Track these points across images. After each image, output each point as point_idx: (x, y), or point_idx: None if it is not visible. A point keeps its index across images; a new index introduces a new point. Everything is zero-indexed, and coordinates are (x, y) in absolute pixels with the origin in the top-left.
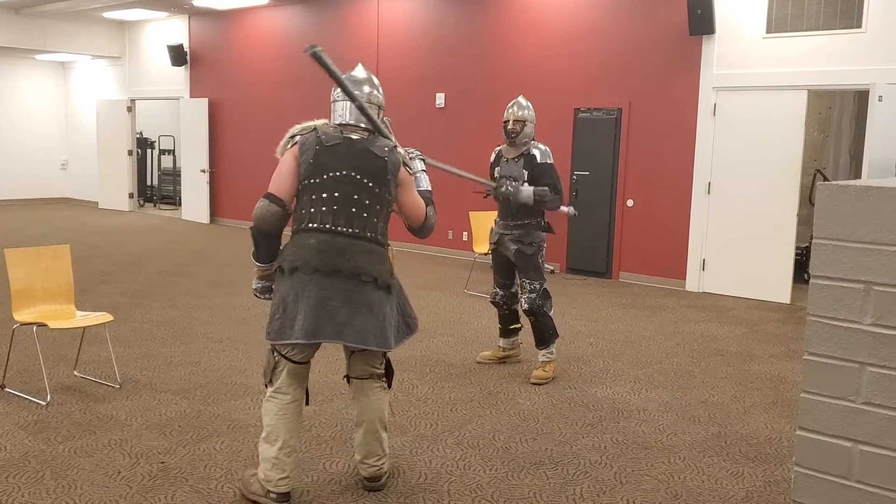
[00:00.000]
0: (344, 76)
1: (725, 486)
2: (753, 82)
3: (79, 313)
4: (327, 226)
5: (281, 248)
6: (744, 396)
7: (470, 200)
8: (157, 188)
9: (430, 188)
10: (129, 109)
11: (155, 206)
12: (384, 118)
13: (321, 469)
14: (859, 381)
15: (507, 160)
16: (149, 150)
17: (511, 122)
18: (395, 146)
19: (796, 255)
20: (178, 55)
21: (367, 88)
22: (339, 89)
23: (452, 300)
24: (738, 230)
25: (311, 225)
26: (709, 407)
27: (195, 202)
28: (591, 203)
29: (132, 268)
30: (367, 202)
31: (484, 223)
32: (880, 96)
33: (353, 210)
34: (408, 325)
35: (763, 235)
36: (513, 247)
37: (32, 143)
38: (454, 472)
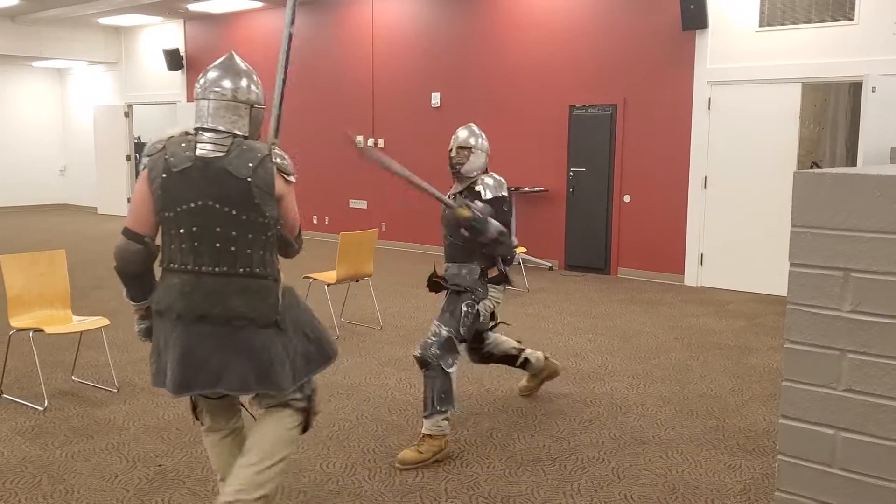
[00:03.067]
0: (211, 66)
1: (723, 478)
2: (747, 76)
3: (75, 318)
4: (188, 266)
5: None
6: (742, 389)
7: None
8: None
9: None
10: (127, 114)
11: None
12: (273, 142)
13: (318, 469)
14: (840, 368)
15: (452, 196)
16: None
17: (454, 149)
18: (266, 155)
19: None
20: (174, 59)
21: (227, 83)
22: (201, 80)
23: None
24: (736, 224)
25: (172, 265)
26: (707, 401)
27: None
28: (588, 199)
29: None
30: (233, 234)
31: None
32: (874, 87)
33: (218, 245)
34: (321, 355)
35: (760, 228)
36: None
37: (30, 149)
38: (451, 471)
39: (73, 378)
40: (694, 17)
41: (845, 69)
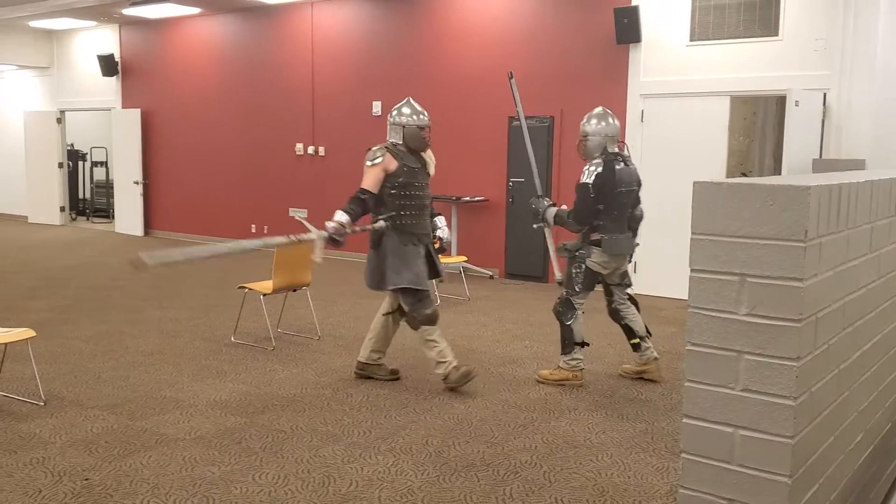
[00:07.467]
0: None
1: (650, 481)
2: (678, 89)
3: (0, 329)
4: None
5: None
6: (671, 394)
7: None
8: (90, 201)
9: None
10: (59, 121)
11: (88, 219)
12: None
13: (250, 480)
14: (737, 368)
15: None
16: (80, 163)
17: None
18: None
19: None
20: (108, 65)
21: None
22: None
23: None
24: (667, 232)
25: None
26: (637, 405)
27: (129, 215)
28: (526, 209)
29: (61, 282)
30: None
31: None
32: (797, 101)
33: None
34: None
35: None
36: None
37: None
38: (385, 479)
39: None
40: (627, 30)
41: (770, 83)
